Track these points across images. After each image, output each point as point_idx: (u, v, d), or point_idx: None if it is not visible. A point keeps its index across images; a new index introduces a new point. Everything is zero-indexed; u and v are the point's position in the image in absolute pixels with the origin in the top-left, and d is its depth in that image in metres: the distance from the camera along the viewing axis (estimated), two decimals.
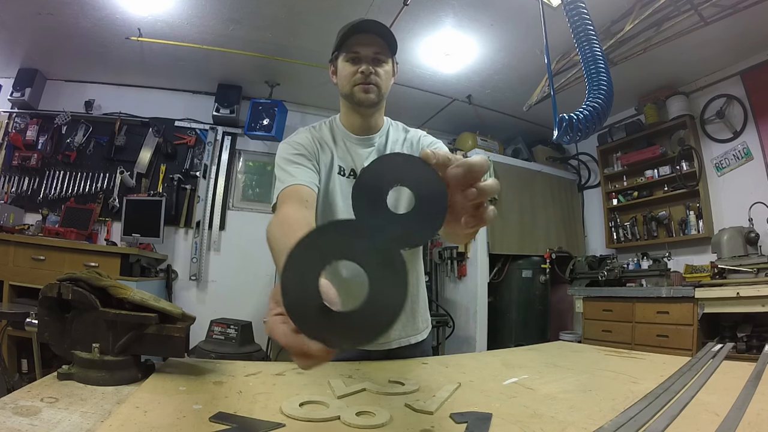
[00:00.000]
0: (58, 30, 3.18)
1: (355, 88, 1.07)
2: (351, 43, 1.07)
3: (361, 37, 1.06)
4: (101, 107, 3.99)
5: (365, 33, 1.06)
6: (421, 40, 3.11)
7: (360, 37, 1.06)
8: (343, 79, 1.09)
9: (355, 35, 1.06)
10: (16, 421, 0.47)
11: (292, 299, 0.37)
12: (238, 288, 3.90)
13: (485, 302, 3.87)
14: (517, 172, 4.27)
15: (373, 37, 1.06)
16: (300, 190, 0.97)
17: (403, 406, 0.63)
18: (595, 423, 0.57)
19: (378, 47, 1.07)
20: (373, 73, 1.06)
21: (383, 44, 1.08)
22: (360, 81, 1.06)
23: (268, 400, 0.63)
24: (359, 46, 1.06)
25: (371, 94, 1.08)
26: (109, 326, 0.66)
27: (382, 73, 1.08)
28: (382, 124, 1.19)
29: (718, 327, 2.83)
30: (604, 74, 1.58)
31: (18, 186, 3.72)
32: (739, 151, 3.36)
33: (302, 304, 0.37)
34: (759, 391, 0.70)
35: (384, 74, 1.09)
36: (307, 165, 1.05)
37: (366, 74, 1.06)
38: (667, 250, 3.48)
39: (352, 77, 1.07)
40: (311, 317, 0.36)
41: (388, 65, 1.10)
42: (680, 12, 2.56)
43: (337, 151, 1.12)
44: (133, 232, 3.58)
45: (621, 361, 1.06)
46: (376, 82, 1.07)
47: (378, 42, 1.07)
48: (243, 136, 4.08)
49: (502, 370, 0.94)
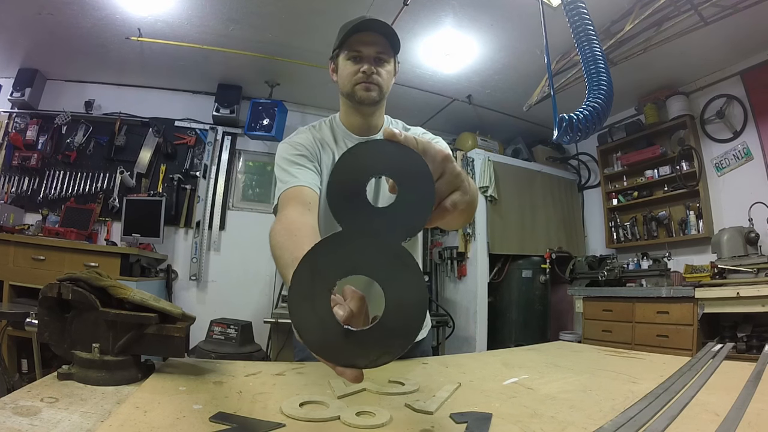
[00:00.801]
0: (58, 30, 3.18)
1: (356, 87, 1.06)
2: (353, 42, 1.05)
3: (364, 36, 1.04)
4: (101, 107, 4.00)
5: (368, 32, 1.04)
6: (421, 40, 3.11)
7: (363, 35, 1.04)
8: (344, 78, 1.08)
9: (358, 34, 1.04)
10: (16, 421, 0.47)
11: (311, 337, 0.36)
12: (238, 288, 3.90)
13: (485, 302, 3.87)
14: (517, 172, 4.27)
15: (377, 36, 1.05)
16: (302, 191, 0.95)
17: (403, 406, 0.63)
18: (595, 423, 0.57)
19: (381, 47, 1.06)
20: (375, 73, 1.05)
21: (386, 44, 1.06)
22: (361, 80, 1.05)
23: (268, 400, 0.63)
24: (362, 45, 1.05)
25: (373, 93, 1.07)
26: (109, 326, 0.66)
27: (383, 72, 1.07)
28: (383, 123, 1.18)
29: (718, 327, 2.83)
30: (604, 74, 1.58)
31: (18, 186, 3.72)
32: (739, 151, 3.36)
33: (323, 340, 0.35)
34: (759, 391, 0.70)
35: (386, 74, 1.08)
36: (309, 166, 1.04)
37: (368, 74, 1.04)
38: (667, 250, 3.48)
39: (353, 76, 1.06)
40: (336, 347, 0.35)
41: (390, 65, 1.09)
42: (680, 12, 2.56)
43: (338, 151, 1.12)
44: (133, 232, 3.58)
45: (621, 361, 1.06)
46: (377, 81, 1.06)
47: (381, 41, 1.05)
48: (243, 136, 4.08)
49: (502, 370, 0.94)
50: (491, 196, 3.93)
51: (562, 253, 4.10)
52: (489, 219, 3.93)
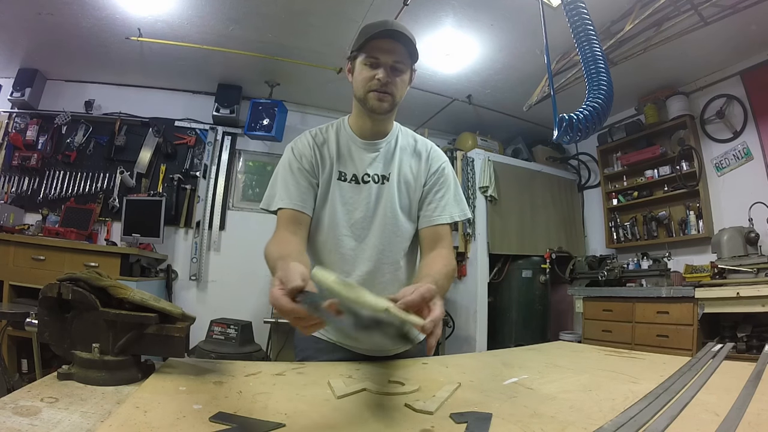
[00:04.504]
0: (58, 30, 3.18)
1: (369, 94, 1.05)
2: (372, 47, 1.02)
3: (384, 43, 1.02)
4: (101, 107, 3.99)
5: (389, 39, 1.02)
6: (421, 40, 3.07)
7: (383, 42, 1.02)
8: (359, 83, 1.06)
9: (378, 40, 1.02)
10: (16, 421, 0.47)
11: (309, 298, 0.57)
12: (238, 288, 3.89)
13: (485, 302, 3.86)
14: (517, 172, 4.27)
15: (396, 44, 1.02)
16: (296, 215, 1.06)
17: (403, 406, 0.63)
18: (595, 423, 0.57)
19: (399, 55, 1.03)
20: (390, 82, 1.03)
21: (405, 52, 1.04)
22: (375, 87, 1.04)
23: (268, 400, 0.63)
24: (380, 52, 1.02)
25: (385, 103, 1.05)
26: (109, 326, 0.66)
27: (399, 82, 1.05)
28: (391, 129, 1.18)
29: (718, 327, 2.83)
30: (604, 74, 1.58)
31: (18, 186, 3.71)
32: (739, 151, 3.36)
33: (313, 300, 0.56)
34: (759, 391, 0.70)
35: (400, 83, 1.06)
36: (306, 181, 1.09)
37: (383, 82, 1.03)
38: (667, 250, 3.48)
39: (368, 82, 1.04)
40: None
41: (406, 74, 1.07)
42: (680, 12, 2.56)
43: (338, 158, 1.12)
44: (133, 232, 3.58)
45: (621, 361, 1.06)
46: (392, 91, 1.04)
47: (400, 50, 1.03)
48: (243, 136, 4.08)
49: (502, 370, 0.94)
50: (491, 196, 3.93)
51: (562, 253, 4.09)
52: (489, 219, 3.93)
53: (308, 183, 1.09)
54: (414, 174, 1.15)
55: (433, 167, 1.17)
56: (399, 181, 1.13)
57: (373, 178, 1.12)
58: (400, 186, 1.13)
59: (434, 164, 1.17)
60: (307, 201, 1.09)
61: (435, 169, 1.16)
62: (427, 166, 1.16)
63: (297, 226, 1.05)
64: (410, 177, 1.15)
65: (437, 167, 1.17)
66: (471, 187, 3.95)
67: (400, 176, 1.14)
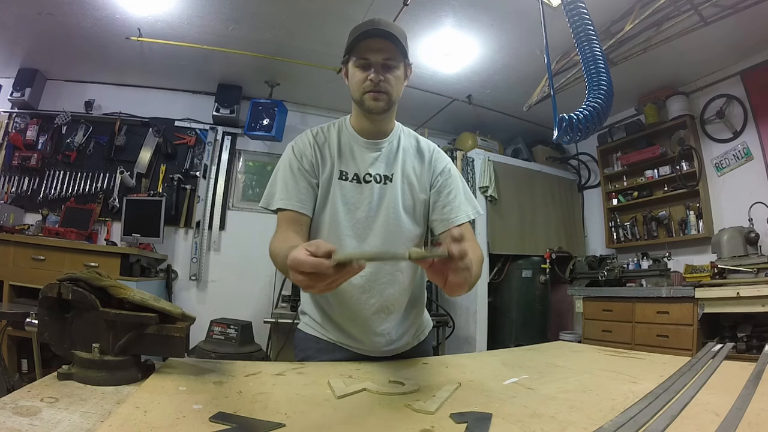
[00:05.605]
0: (58, 30, 3.18)
1: (365, 96, 1.05)
2: (361, 49, 1.03)
3: (371, 42, 1.02)
4: (101, 107, 3.99)
5: (375, 38, 1.02)
6: (421, 40, 3.11)
7: (370, 42, 1.02)
8: (354, 86, 1.07)
9: (365, 40, 1.02)
10: (16, 421, 0.47)
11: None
12: (238, 288, 3.89)
13: (485, 302, 3.86)
14: (517, 172, 4.26)
15: (383, 42, 1.02)
16: (297, 217, 1.07)
17: (403, 406, 0.63)
18: (595, 423, 0.57)
19: (388, 53, 1.03)
20: (382, 81, 1.04)
21: (393, 49, 1.03)
22: (369, 89, 1.04)
23: (268, 400, 0.63)
24: (369, 52, 1.03)
25: (381, 102, 1.06)
26: (109, 326, 0.66)
27: (392, 79, 1.05)
28: (393, 128, 1.17)
29: (718, 327, 2.83)
30: (604, 74, 1.58)
31: (18, 186, 3.71)
32: (739, 151, 3.36)
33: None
34: (759, 391, 0.70)
35: (394, 80, 1.06)
36: (306, 182, 1.09)
37: (375, 82, 1.03)
38: (667, 250, 3.48)
39: (361, 84, 1.05)
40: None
41: (399, 70, 1.07)
42: (680, 12, 2.56)
43: (339, 157, 1.12)
44: (133, 232, 3.58)
45: (621, 361, 1.06)
46: (386, 89, 1.05)
47: (388, 47, 1.02)
48: (243, 136, 4.07)
49: (502, 370, 0.94)
50: (491, 196, 3.93)
51: (562, 253, 4.09)
52: (489, 219, 3.93)
53: (308, 184, 1.09)
54: (417, 175, 1.15)
55: (437, 168, 1.16)
56: (403, 182, 1.13)
57: (375, 177, 1.11)
58: (404, 186, 1.13)
59: (438, 165, 1.17)
60: (307, 202, 1.09)
61: (440, 169, 1.16)
62: (431, 168, 1.16)
63: (298, 226, 1.06)
64: (414, 178, 1.15)
65: (442, 168, 1.17)
66: (471, 187, 3.95)
67: (404, 177, 1.14)
